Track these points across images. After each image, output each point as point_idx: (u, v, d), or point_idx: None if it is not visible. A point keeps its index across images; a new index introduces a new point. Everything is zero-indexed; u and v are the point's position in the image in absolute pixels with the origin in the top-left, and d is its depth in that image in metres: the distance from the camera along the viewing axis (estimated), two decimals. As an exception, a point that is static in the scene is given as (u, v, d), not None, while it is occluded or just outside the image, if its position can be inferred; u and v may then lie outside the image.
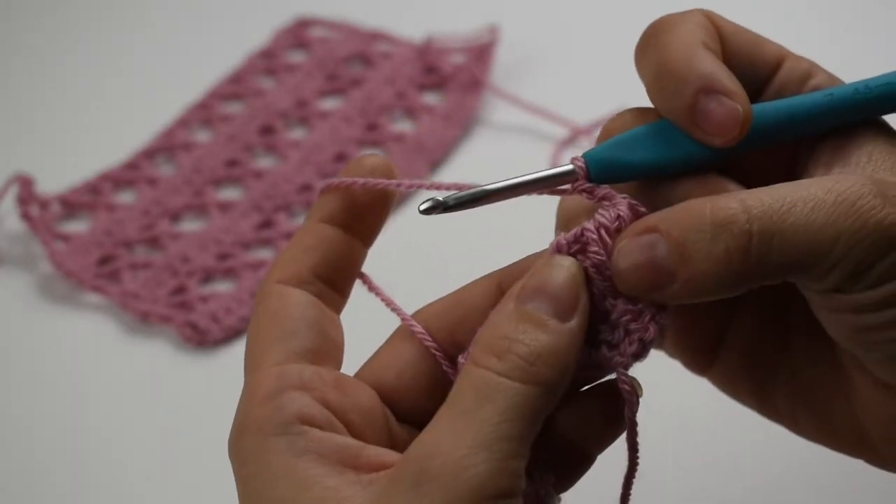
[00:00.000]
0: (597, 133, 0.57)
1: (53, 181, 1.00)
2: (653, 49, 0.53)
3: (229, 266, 0.95)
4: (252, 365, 0.52)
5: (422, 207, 0.52)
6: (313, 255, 0.54)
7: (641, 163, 0.52)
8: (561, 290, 0.50)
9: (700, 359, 0.59)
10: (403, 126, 1.07)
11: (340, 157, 1.04)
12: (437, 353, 0.54)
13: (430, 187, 0.54)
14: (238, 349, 0.90)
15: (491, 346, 0.49)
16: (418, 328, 0.54)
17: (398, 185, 0.55)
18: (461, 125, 1.06)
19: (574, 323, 0.50)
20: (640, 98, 0.55)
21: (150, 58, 1.15)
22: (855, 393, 0.54)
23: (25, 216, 0.97)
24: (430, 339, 0.54)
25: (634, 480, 0.54)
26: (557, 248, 0.52)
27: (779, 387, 0.58)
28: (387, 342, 0.56)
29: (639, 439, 0.53)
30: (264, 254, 0.97)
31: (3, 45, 1.18)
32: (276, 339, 0.52)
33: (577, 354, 0.50)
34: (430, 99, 1.09)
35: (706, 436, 0.80)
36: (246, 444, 0.50)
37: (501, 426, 0.47)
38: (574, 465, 0.53)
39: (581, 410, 0.53)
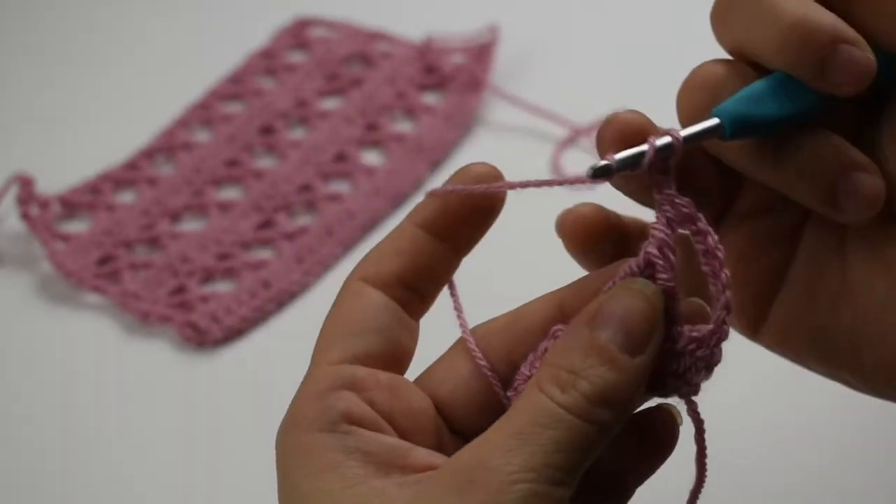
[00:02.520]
0: (596, 133, 0.56)
1: (53, 181, 1.00)
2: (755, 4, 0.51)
3: (229, 266, 0.95)
4: (314, 359, 0.53)
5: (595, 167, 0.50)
6: (402, 259, 0.53)
7: (771, 118, 0.51)
8: (636, 323, 0.48)
9: (753, 312, 0.56)
10: (403, 126, 1.07)
11: (340, 157, 1.04)
12: (490, 374, 0.53)
13: (539, 185, 0.52)
14: (238, 349, 0.90)
15: (555, 377, 0.48)
16: (472, 345, 0.54)
17: (500, 188, 0.54)
18: (461, 125, 1.06)
19: (644, 357, 0.48)
20: (640, 98, 0.55)
21: (150, 58, 1.15)
22: None
23: (25, 216, 0.97)
24: (482, 357, 0.53)
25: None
26: (630, 275, 0.50)
27: (841, 324, 0.54)
28: (445, 354, 0.55)
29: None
30: (264, 254, 0.97)
31: (3, 45, 1.18)
32: (339, 338, 0.52)
33: (642, 390, 0.49)
34: (430, 99, 1.09)
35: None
36: (293, 437, 0.50)
37: (553, 455, 0.47)
38: (613, 497, 0.52)
39: (619, 440, 0.50)
